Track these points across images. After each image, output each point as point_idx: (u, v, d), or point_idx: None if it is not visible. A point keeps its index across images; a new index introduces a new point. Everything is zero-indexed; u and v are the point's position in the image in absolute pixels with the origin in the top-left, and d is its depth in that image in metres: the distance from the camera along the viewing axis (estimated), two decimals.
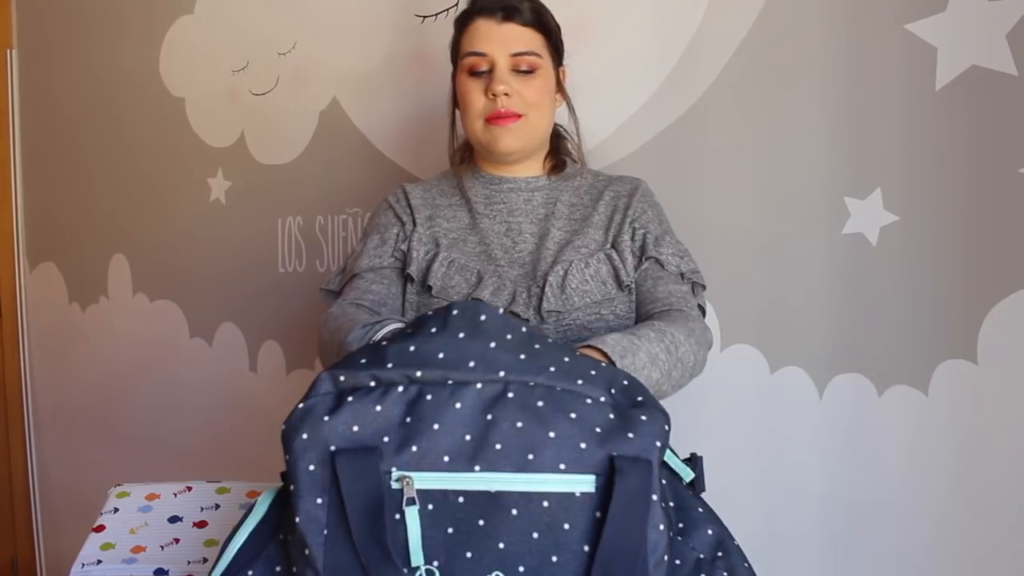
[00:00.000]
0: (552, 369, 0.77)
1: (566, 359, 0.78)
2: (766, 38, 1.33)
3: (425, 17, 1.62)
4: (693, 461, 0.84)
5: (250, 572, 0.78)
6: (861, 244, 1.27)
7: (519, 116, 1.12)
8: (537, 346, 0.78)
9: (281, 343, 1.89)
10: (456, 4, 1.57)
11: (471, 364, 0.75)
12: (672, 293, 1.13)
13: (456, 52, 1.18)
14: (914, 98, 1.22)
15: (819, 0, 1.28)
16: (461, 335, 0.77)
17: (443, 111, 1.27)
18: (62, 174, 2.30)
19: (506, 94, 1.11)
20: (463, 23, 1.16)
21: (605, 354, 0.93)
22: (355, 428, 0.74)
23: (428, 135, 1.62)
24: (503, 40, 1.12)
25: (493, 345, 0.76)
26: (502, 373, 0.76)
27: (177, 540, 1.09)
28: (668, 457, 0.83)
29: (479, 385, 0.76)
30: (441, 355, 0.76)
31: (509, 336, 0.78)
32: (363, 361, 0.78)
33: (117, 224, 2.18)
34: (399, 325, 0.97)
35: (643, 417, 0.75)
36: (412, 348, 0.77)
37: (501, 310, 0.99)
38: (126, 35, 2.11)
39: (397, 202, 1.22)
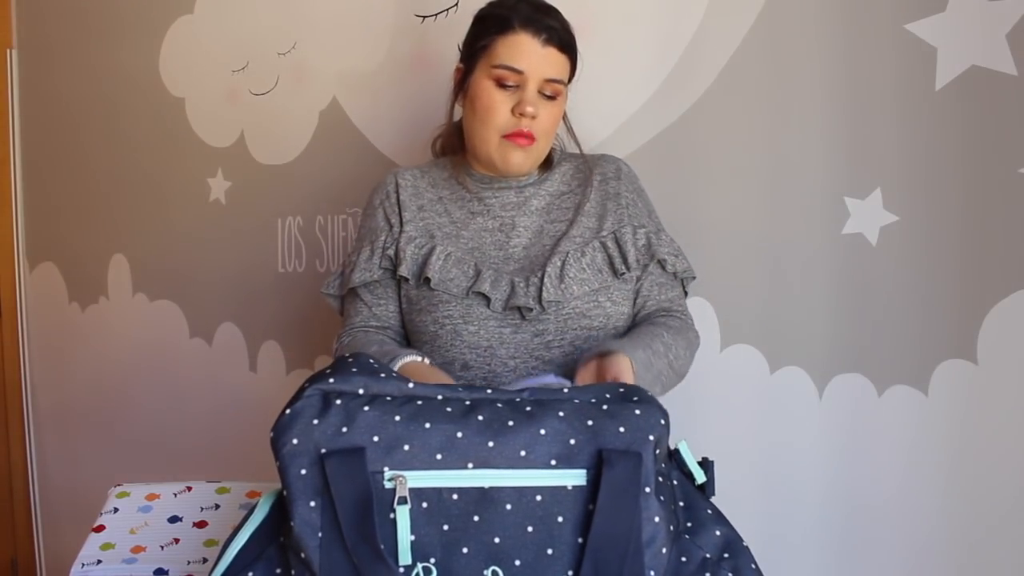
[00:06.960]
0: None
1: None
2: (766, 38, 1.33)
3: (425, 17, 1.62)
4: (704, 465, 0.85)
5: (250, 574, 0.78)
6: (861, 244, 1.27)
7: (534, 140, 1.15)
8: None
9: (281, 343, 1.89)
10: (456, 4, 1.57)
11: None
12: (672, 300, 1.22)
13: (482, 52, 1.15)
14: (914, 98, 1.22)
15: (819, 0, 1.28)
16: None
17: (443, 111, 1.27)
18: (62, 174, 2.30)
19: (533, 117, 1.13)
20: (502, 30, 1.13)
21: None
22: (344, 429, 0.75)
23: (428, 135, 1.61)
24: (541, 63, 1.13)
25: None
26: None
27: (177, 540, 1.09)
28: (685, 454, 0.84)
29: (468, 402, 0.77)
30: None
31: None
32: (354, 370, 0.79)
33: (117, 224, 2.18)
34: (415, 358, 1.05)
35: (637, 412, 0.77)
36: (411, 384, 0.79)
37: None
38: (126, 35, 2.11)
39: (386, 198, 1.23)
